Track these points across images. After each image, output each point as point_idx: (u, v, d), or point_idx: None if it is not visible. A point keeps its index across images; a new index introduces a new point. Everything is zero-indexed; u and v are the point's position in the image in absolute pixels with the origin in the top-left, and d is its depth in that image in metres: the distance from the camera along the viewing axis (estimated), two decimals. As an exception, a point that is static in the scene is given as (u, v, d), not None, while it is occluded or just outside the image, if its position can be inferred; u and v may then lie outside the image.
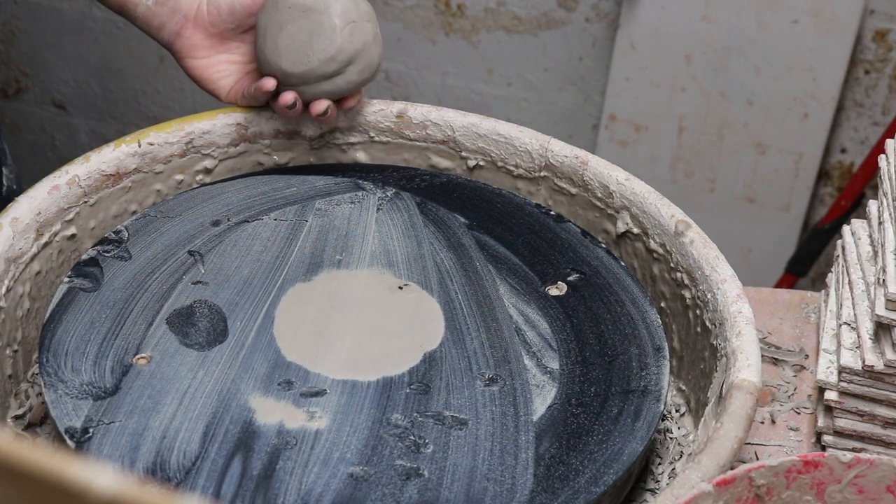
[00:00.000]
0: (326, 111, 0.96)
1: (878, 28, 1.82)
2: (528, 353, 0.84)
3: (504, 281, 0.90)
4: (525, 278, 0.90)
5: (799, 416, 0.92)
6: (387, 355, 0.83)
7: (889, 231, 0.88)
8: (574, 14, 1.92)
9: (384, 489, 0.73)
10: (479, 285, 0.89)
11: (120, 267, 0.88)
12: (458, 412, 0.78)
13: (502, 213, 0.96)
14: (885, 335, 0.84)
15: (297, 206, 0.95)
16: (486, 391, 0.80)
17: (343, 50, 0.94)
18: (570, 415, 0.79)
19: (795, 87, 1.83)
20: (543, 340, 0.85)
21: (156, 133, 0.96)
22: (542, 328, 0.86)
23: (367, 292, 0.88)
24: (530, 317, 0.87)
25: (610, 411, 0.79)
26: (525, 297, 0.88)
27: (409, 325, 0.85)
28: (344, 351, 0.83)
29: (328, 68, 0.94)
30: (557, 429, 0.78)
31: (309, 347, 0.83)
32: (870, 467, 0.70)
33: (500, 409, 0.79)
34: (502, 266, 0.91)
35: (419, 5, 1.98)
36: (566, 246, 0.93)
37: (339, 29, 0.94)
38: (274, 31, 0.94)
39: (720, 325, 0.83)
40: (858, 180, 1.76)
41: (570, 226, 0.95)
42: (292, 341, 0.83)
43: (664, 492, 0.69)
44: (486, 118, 1.00)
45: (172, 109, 2.12)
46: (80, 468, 0.38)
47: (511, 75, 2.01)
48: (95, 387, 0.78)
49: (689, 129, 1.91)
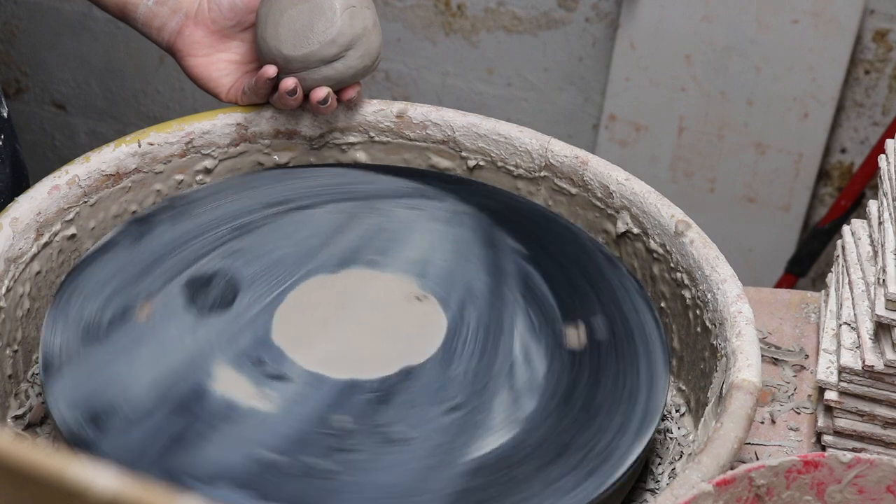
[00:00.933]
0: (327, 99, 0.96)
1: (878, 28, 1.82)
2: (508, 390, 0.80)
3: (526, 314, 0.86)
4: (548, 314, 0.86)
5: (799, 416, 0.92)
6: (367, 360, 0.82)
7: (889, 231, 0.88)
8: (574, 14, 1.92)
9: (288, 480, 0.72)
10: (498, 314, 0.86)
11: (167, 228, 0.91)
12: (405, 430, 0.77)
13: (562, 246, 0.93)
14: (885, 335, 0.84)
15: (361, 202, 0.95)
16: (444, 417, 0.78)
17: (343, 33, 0.94)
18: (511, 463, 0.75)
19: (795, 87, 1.83)
20: (531, 382, 0.81)
21: (156, 133, 0.96)
22: (538, 369, 0.82)
23: (383, 296, 0.87)
24: (532, 356, 0.83)
25: (551, 473, 0.75)
26: (537, 335, 0.85)
27: (406, 337, 0.84)
28: (329, 346, 0.83)
29: (329, 51, 0.95)
30: (490, 473, 0.74)
31: (299, 335, 0.83)
32: (870, 467, 0.70)
33: (448, 437, 0.76)
34: (532, 299, 0.88)
35: (419, 5, 1.98)
36: (606, 287, 0.89)
37: (339, 12, 0.94)
38: (275, 16, 0.95)
39: (720, 325, 0.83)
40: (858, 180, 1.76)
41: (622, 269, 0.90)
42: (287, 326, 0.84)
43: (664, 492, 0.69)
44: (487, 118, 1.00)
45: (172, 109, 2.12)
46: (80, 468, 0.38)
47: (511, 75, 2.01)
48: (90, 326, 0.82)
49: (689, 129, 1.91)
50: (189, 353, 0.81)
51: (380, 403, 0.78)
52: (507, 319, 0.86)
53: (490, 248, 0.92)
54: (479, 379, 0.81)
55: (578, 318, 0.86)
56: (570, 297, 0.88)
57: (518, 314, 0.86)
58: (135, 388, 0.78)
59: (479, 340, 0.84)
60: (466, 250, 0.91)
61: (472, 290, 0.88)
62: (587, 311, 0.87)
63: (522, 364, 0.83)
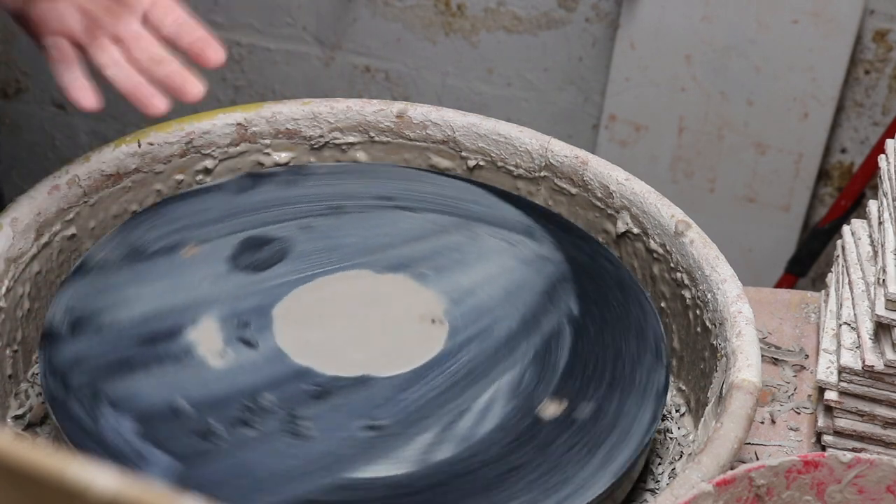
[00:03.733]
0: None
1: (878, 28, 1.82)
2: (438, 431, 0.77)
3: (521, 371, 0.82)
4: (543, 379, 0.82)
5: (799, 416, 0.92)
6: (336, 357, 0.82)
7: (889, 231, 0.88)
8: (574, 14, 1.92)
9: (180, 432, 0.75)
10: (495, 361, 0.82)
11: (272, 188, 0.95)
12: (313, 430, 0.76)
13: (619, 324, 0.86)
14: (885, 335, 0.84)
15: (461, 219, 0.94)
16: (359, 432, 0.76)
17: None
18: (391, 496, 0.73)
19: (795, 87, 1.83)
20: (467, 433, 0.77)
21: (156, 133, 0.96)
22: (484, 425, 0.78)
23: (403, 309, 0.86)
24: (490, 410, 0.79)
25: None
26: (513, 393, 0.80)
27: (392, 352, 0.83)
28: (315, 334, 0.84)
29: None
30: (358, 496, 0.73)
31: (298, 315, 0.85)
32: (870, 467, 0.70)
33: (347, 451, 0.75)
34: (541, 360, 0.83)
35: (419, 5, 1.98)
36: (626, 383, 0.82)
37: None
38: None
39: (720, 325, 0.83)
40: (858, 180, 1.76)
41: (661, 370, 0.83)
42: (295, 304, 0.85)
43: (664, 492, 0.69)
44: (487, 118, 1.00)
45: (173, 109, 2.11)
46: (80, 468, 0.38)
47: (511, 75, 2.01)
48: (137, 249, 0.88)
49: (689, 129, 1.91)
50: (195, 297, 0.84)
51: (313, 398, 0.79)
52: (498, 369, 0.82)
53: (545, 299, 0.88)
54: (422, 410, 0.78)
55: (570, 394, 0.81)
56: (580, 373, 0.82)
57: (513, 369, 0.82)
58: (126, 312, 0.83)
59: (454, 376, 0.81)
60: (519, 294, 0.88)
61: (491, 331, 0.85)
62: (583, 392, 0.81)
63: (475, 414, 0.78)
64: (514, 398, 0.80)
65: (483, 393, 0.80)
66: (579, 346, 0.84)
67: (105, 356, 0.80)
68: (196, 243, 0.89)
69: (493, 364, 0.82)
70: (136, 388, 0.78)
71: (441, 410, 0.79)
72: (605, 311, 0.87)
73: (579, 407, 0.79)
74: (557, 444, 0.77)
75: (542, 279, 0.89)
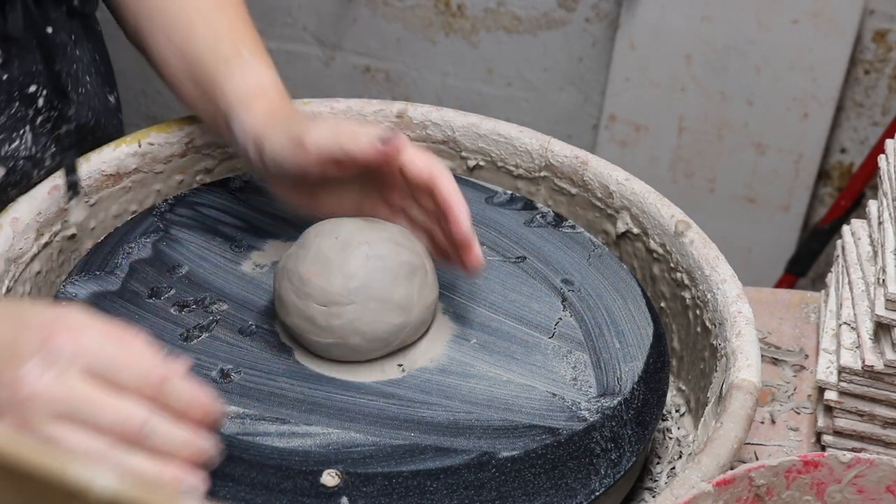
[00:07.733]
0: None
1: (878, 28, 1.82)
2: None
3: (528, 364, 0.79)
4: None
5: (799, 416, 0.92)
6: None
7: (889, 231, 0.88)
8: (574, 14, 1.93)
9: (111, 302, 0.80)
10: (508, 356, 0.80)
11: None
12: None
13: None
14: (884, 335, 0.84)
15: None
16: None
17: None
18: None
19: (795, 87, 1.83)
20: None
21: (156, 133, 0.96)
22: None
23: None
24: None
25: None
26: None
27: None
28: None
29: None
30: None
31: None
32: (870, 467, 0.70)
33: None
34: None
35: (419, 5, 1.98)
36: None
37: None
38: None
39: (720, 325, 0.83)
40: (858, 180, 1.76)
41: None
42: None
43: (664, 492, 0.69)
44: (486, 118, 1.00)
45: (173, 109, 2.12)
46: (80, 468, 0.39)
47: (511, 75, 2.01)
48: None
49: (688, 129, 1.91)
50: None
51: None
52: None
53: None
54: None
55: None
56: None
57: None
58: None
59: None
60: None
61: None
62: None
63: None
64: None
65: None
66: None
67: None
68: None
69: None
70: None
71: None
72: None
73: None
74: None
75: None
